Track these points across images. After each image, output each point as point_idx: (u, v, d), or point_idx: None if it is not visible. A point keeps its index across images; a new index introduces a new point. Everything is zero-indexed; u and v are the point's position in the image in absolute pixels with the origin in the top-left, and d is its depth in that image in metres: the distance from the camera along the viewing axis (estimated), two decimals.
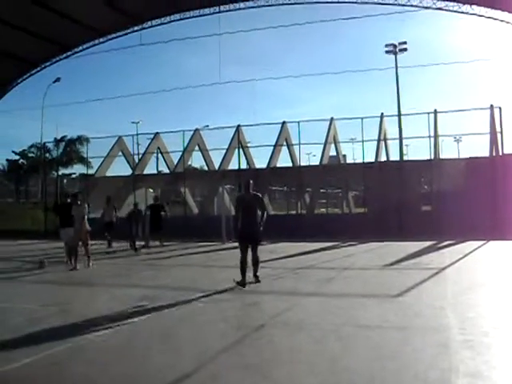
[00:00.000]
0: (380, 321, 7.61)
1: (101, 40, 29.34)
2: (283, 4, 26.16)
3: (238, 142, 31.30)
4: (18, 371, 5.61)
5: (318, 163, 32.38)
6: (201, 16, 27.50)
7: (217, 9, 27.08)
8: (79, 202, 15.87)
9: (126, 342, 6.90)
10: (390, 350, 6.13)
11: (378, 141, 31.48)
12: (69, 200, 16.62)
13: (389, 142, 34.26)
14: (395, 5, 26.23)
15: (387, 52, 42.90)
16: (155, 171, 35.27)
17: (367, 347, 6.35)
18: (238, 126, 31.76)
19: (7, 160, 61.13)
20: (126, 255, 19.69)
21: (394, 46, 42.63)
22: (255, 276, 11.16)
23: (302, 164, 32.58)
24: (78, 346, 6.56)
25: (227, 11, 27.11)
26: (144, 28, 28.21)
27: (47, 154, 49.77)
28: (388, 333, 6.97)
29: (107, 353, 6.41)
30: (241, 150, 31.30)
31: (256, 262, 11.15)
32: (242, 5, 26.72)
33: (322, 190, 34.13)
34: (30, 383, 5.45)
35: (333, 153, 34.84)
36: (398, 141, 33.80)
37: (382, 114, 31.73)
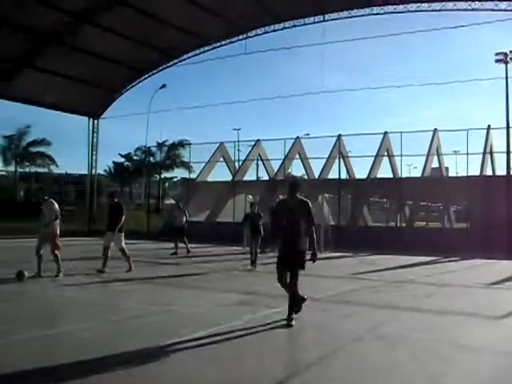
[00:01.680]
0: (482, 343, 7.23)
1: (206, 48, 30.00)
2: (386, 13, 25.74)
3: (338, 151, 31.09)
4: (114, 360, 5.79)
5: (419, 175, 31.62)
6: (304, 25, 27.57)
7: (321, 18, 27.04)
8: (46, 198, 13.51)
9: (224, 343, 6.95)
10: (494, 377, 5.83)
11: (484, 154, 30.35)
12: (116, 200, 15.04)
13: (495, 155, 32.88)
14: (507, 10, 25.04)
15: (497, 61, 41.23)
16: (255, 178, 35.63)
17: (468, 370, 6.03)
18: (339, 135, 31.57)
19: (114, 162, 63.66)
20: (225, 259, 19.93)
21: (505, 55, 40.93)
22: (289, 316, 8.15)
23: (403, 175, 31.94)
24: (171, 347, 6.69)
25: (331, 20, 27.03)
26: (249, 37, 28.62)
27: (151, 158, 51.39)
28: (491, 357, 6.59)
29: (204, 353, 6.48)
30: (341, 159, 31.05)
31: (293, 295, 8.25)
32: (346, 13, 26.55)
33: (422, 203, 33.25)
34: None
35: (435, 165, 33.94)
36: (505, 154, 32.37)
37: (489, 126, 30.55)
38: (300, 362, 6.15)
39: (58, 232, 13.19)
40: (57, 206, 13.13)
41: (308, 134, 37.59)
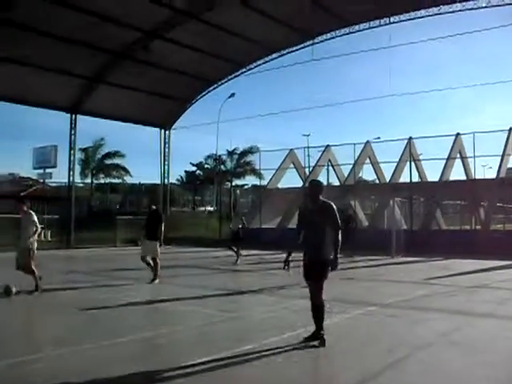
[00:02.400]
0: None
1: (273, 56, 30.30)
2: (454, 11, 25.26)
3: (409, 154, 30.73)
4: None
5: (494, 176, 30.83)
6: (370, 28, 27.41)
7: (387, 20, 26.82)
8: (26, 209, 11.80)
9: (297, 348, 7.10)
10: None
11: None
12: (153, 207, 14.91)
13: None
14: None
15: None
16: (325, 183, 35.59)
17: None
18: (410, 138, 31.21)
19: (185, 171, 64.78)
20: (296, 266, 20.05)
21: None
22: (318, 333, 7.36)
23: (477, 177, 31.22)
24: (250, 350, 6.90)
25: (398, 22, 26.75)
26: (315, 43, 28.73)
27: (222, 166, 52.07)
28: None
29: (278, 357, 6.64)
30: (412, 162, 30.65)
31: (316, 309, 7.51)
32: (412, 15, 26.22)
33: (498, 205, 32.35)
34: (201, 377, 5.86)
35: (511, 165, 33.01)
36: None
37: None
38: (372, 366, 6.23)
39: (35, 248, 11.82)
40: (35, 217, 11.75)
41: (378, 138, 37.31)
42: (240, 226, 21.17)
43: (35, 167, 41.90)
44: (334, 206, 7.57)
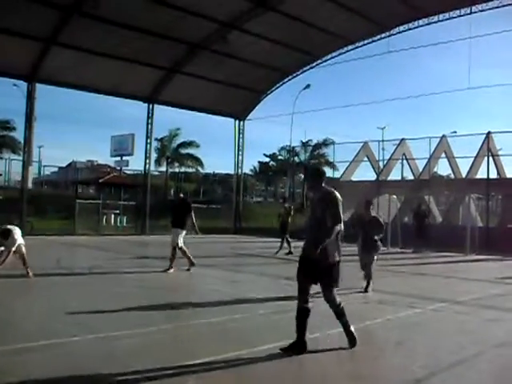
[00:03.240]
0: None
1: (349, 48, 30.02)
2: None
3: (487, 149, 29.86)
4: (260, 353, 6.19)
5: None
6: (450, 19, 26.69)
7: (467, 10, 26.04)
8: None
9: (364, 339, 7.11)
10: None
11: None
12: (181, 195, 15.30)
13: None
14: None
15: None
16: (399, 177, 35.09)
17: None
18: (489, 132, 30.30)
19: (259, 162, 65.22)
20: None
21: None
22: (349, 338, 6.57)
23: None
24: (314, 340, 6.98)
25: (479, 12, 25.93)
26: (392, 35, 28.25)
27: (295, 157, 52.12)
28: None
29: (339, 352, 6.72)
30: (490, 157, 29.77)
31: (338, 314, 6.74)
32: (496, 3, 25.23)
33: None
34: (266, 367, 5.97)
35: None
36: None
37: None
38: (440, 362, 6.19)
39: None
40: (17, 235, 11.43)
41: (455, 132, 36.36)
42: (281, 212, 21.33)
43: (113, 155, 43.22)
44: (338, 196, 6.48)
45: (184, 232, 13.69)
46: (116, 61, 26.73)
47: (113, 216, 33.68)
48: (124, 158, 40.93)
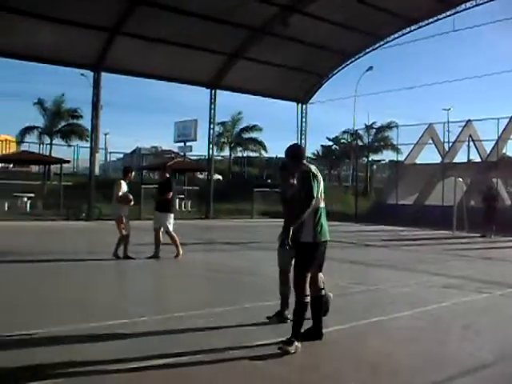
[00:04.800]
0: None
1: (412, 28, 29.36)
2: None
3: None
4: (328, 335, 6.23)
5: None
6: None
7: None
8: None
9: (430, 323, 7.09)
10: None
11: None
12: (167, 175, 13.36)
13: None
14: None
15: None
16: (466, 160, 34.28)
17: None
18: None
19: (322, 146, 64.82)
20: (433, 243, 19.66)
21: None
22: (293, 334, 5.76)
23: None
24: (379, 322, 6.97)
25: None
26: (457, 12, 27.45)
27: (358, 141, 51.54)
28: None
29: (408, 331, 6.70)
30: None
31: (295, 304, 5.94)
32: None
33: None
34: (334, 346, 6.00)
35: None
36: None
37: None
38: (509, 347, 6.09)
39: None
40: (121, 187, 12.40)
41: None
42: None
43: (176, 140, 43.87)
44: (312, 168, 6.07)
45: (171, 215, 12.73)
46: (178, 47, 27.00)
47: (177, 201, 34.23)
48: (187, 143, 41.50)
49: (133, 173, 13.51)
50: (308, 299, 5.81)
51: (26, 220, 24.41)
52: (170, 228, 12.62)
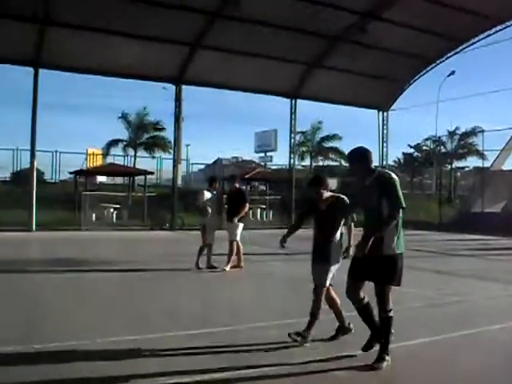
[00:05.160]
0: None
1: (497, 29, 28.41)
2: None
3: None
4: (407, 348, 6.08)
5: None
6: None
7: None
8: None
9: None
10: None
11: None
12: (237, 185, 13.58)
13: None
14: None
15: None
16: None
17: None
18: None
19: (403, 153, 63.70)
20: None
21: None
22: (381, 353, 5.56)
23: None
24: (470, 335, 6.75)
25: None
26: None
27: (441, 147, 50.37)
28: None
29: (503, 346, 6.46)
30: None
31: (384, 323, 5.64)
32: None
33: None
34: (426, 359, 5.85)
35: None
36: None
37: None
38: None
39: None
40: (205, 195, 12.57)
41: None
42: None
43: (256, 151, 44.19)
44: (393, 174, 5.76)
45: (241, 225, 12.81)
46: (258, 58, 27.25)
47: (259, 210, 34.41)
48: (268, 153, 41.72)
49: (217, 182, 13.63)
50: (392, 313, 5.60)
51: (111, 230, 25.21)
52: (237, 238, 12.59)
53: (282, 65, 28.28)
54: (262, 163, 44.92)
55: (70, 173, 38.51)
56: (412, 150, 63.20)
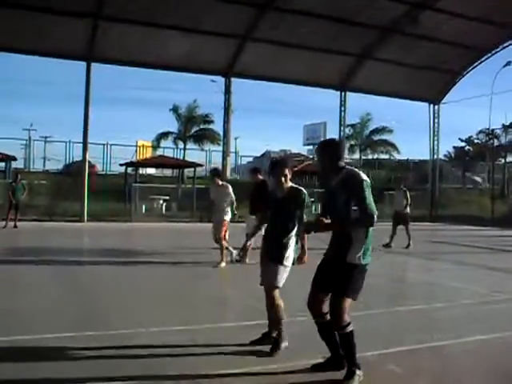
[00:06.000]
0: None
1: None
2: None
3: None
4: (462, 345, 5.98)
5: None
6: None
7: None
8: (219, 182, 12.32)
9: None
10: None
11: None
12: (260, 177, 12.63)
13: None
14: None
15: None
16: None
17: None
18: None
19: (454, 147, 62.53)
20: None
21: None
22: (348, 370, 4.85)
23: None
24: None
25: None
26: None
27: (495, 141, 49.20)
28: None
29: None
30: None
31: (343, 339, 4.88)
32: None
33: None
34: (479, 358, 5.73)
35: None
36: None
37: None
38: None
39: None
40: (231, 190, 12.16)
41: None
42: (405, 203, 17.50)
43: (305, 143, 43.99)
44: (362, 174, 4.91)
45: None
46: (307, 50, 27.09)
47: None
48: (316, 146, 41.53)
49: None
50: (351, 327, 4.81)
51: (161, 221, 25.52)
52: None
53: (331, 57, 28.10)
54: (311, 156, 44.71)
55: (121, 165, 39.20)
56: (463, 144, 62.02)
